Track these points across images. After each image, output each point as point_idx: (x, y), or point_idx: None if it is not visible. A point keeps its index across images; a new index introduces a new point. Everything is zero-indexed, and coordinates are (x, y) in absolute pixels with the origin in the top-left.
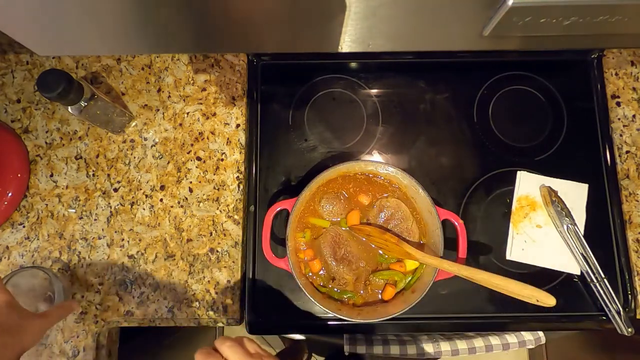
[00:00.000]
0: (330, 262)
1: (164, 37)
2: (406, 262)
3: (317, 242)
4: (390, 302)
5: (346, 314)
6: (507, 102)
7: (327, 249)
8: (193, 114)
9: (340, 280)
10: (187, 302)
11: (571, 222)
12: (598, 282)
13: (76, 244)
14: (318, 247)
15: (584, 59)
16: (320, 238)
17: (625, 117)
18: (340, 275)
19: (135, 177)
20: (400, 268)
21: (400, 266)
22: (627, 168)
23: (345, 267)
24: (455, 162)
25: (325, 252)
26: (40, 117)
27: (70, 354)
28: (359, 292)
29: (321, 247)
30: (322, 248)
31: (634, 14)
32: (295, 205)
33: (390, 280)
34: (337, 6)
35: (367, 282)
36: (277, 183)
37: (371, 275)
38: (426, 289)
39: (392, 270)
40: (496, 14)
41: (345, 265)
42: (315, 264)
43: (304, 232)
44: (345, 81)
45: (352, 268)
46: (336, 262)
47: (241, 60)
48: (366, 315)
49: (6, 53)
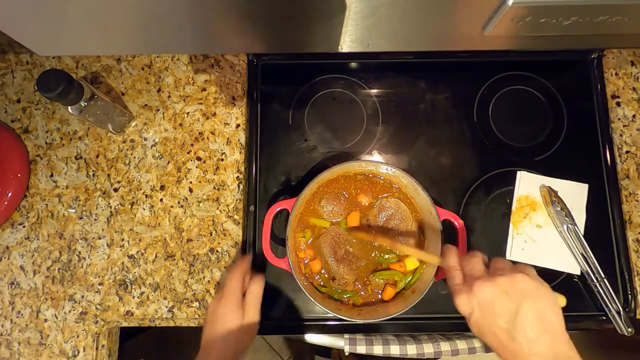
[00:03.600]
0: (330, 262)
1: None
2: (406, 262)
3: (317, 242)
4: (390, 302)
5: (346, 314)
6: (507, 102)
7: (327, 249)
8: (193, 114)
9: (341, 280)
10: (187, 302)
11: (571, 222)
12: (598, 282)
13: (76, 244)
14: (318, 247)
15: (584, 59)
16: (320, 238)
17: (625, 117)
18: (340, 275)
19: (135, 177)
20: (400, 268)
21: (400, 266)
22: (627, 168)
23: (345, 267)
24: (455, 162)
25: (325, 252)
26: (40, 117)
27: (70, 354)
28: (359, 293)
29: (321, 247)
30: (322, 248)
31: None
32: (295, 205)
33: (390, 280)
34: (337, 6)
35: (367, 281)
36: (277, 183)
37: (371, 275)
38: (426, 289)
39: (392, 270)
40: (496, 14)
41: (345, 265)
42: (315, 264)
43: (304, 232)
44: (345, 81)
45: (352, 268)
46: (336, 262)
47: (241, 60)
48: (366, 315)
49: (6, 53)
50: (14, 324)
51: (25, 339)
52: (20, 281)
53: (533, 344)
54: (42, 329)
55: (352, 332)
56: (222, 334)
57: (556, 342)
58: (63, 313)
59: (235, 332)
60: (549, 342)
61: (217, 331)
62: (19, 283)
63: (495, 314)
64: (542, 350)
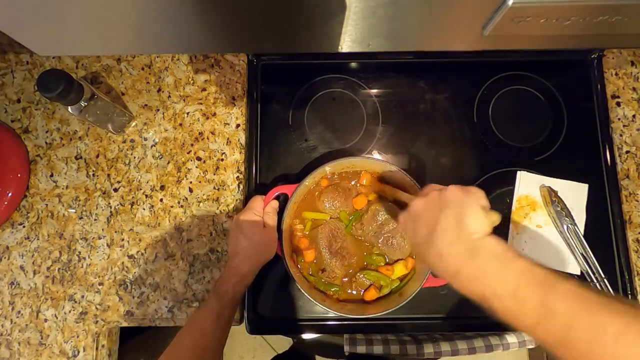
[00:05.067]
0: (324, 254)
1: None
2: (395, 268)
3: (314, 232)
4: (371, 304)
5: (329, 306)
6: (507, 102)
7: (323, 240)
8: (193, 114)
9: (331, 273)
10: (187, 302)
11: (571, 222)
12: (598, 282)
13: (76, 244)
14: (315, 237)
15: (584, 59)
16: (318, 229)
17: (625, 117)
18: (332, 268)
19: (135, 177)
20: (387, 272)
21: (387, 269)
22: (627, 168)
23: (338, 261)
24: (455, 162)
25: (321, 243)
26: (40, 117)
27: (70, 354)
28: (346, 289)
29: (318, 238)
30: (318, 239)
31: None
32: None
33: (376, 283)
34: (337, 6)
35: (354, 279)
36: (277, 183)
37: (358, 273)
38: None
39: (379, 273)
40: (496, 14)
41: (338, 260)
42: (309, 253)
43: (305, 223)
44: (345, 81)
45: (344, 263)
46: (330, 255)
47: (241, 60)
48: (350, 311)
49: (6, 53)
50: (14, 324)
51: (25, 339)
52: (20, 281)
53: (451, 246)
54: (42, 329)
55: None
56: (245, 243)
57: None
58: (63, 313)
59: (257, 240)
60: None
61: (240, 240)
62: (19, 283)
63: (421, 225)
64: (459, 251)
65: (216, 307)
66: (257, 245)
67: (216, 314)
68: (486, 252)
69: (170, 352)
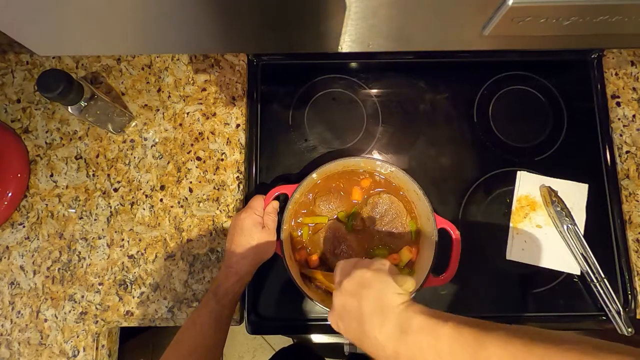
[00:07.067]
0: (328, 257)
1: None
2: (401, 254)
3: (316, 237)
4: None
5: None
6: (507, 102)
7: (326, 244)
8: (193, 114)
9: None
10: (187, 302)
11: (571, 222)
12: (598, 282)
13: (76, 244)
14: (317, 241)
15: (584, 59)
16: (319, 233)
17: (625, 117)
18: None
19: (135, 177)
20: (395, 260)
21: (394, 258)
22: (627, 168)
23: None
24: (455, 162)
25: (324, 248)
26: (40, 117)
27: (70, 354)
28: None
29: (320, 243)
30: (321, 243)
31: (634, 14)
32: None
33: None
34: (337, 6)
35: None
36: (277, 183)
37: None
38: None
39: None
40: (496, 14)
41: None
42: (312, 258)
43: (302, 229)
44: (345, 81)
45: None
46: (335, 258)
47: (241, 60)
48: None
49: (6, 53)
50: (14, 324)
51: (25, 339)
52: (20, 281)
53: (382, 329)
54: (42, 329)
55: None
56: (244, 242)
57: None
58: (63, 313)
59: (256, 240)
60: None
61: (239, 239)
62: (19, 283)
63: (350, 320)
64: (390, 331)
65: (216, 307)
66: (256, 245)
67: (216, 314)
68: (415, 325)
69: (170, 353)
